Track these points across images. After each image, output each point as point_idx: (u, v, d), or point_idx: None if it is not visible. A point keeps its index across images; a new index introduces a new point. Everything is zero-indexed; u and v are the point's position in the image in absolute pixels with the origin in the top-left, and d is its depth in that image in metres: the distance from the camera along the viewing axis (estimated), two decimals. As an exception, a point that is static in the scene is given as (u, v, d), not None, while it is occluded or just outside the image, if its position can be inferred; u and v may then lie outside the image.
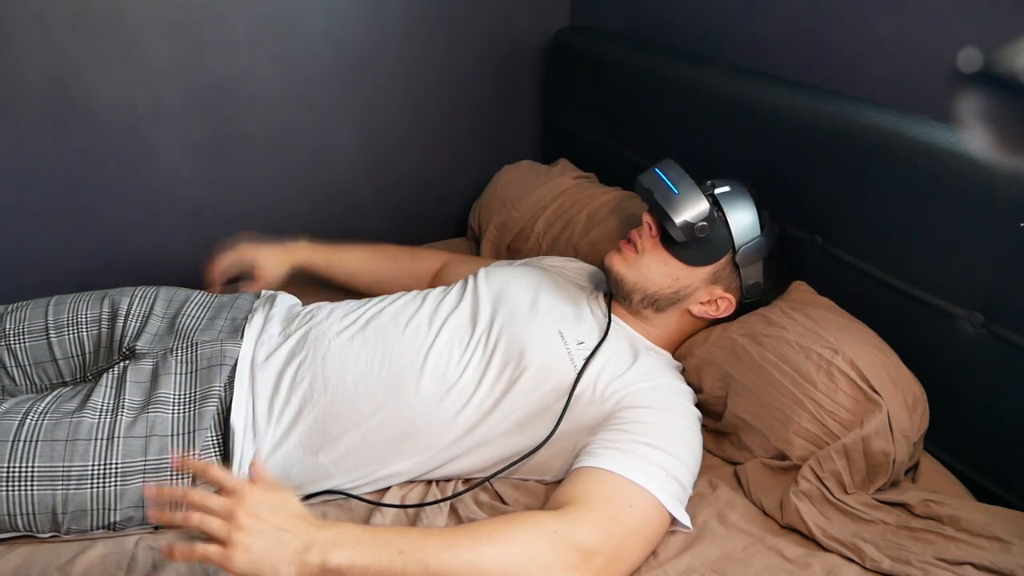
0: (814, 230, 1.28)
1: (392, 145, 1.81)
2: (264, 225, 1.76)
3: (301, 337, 1.18)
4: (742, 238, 1.21)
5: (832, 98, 1.26)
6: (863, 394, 1.06)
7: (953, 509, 1.00)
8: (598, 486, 0.97)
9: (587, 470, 0.99)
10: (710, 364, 1.19)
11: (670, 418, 1.07)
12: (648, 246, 1.23)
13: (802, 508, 1.01)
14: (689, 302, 1.23)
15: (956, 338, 1.10)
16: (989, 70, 0.44)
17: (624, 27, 1.80)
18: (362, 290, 1.54)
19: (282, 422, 1.10)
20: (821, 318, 1.15)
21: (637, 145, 1.65)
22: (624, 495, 0.95)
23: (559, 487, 1.01)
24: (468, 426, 1.10)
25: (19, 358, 1.21)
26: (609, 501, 0.94)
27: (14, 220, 1.55)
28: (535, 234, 1.60)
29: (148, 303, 1.25)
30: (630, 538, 0.94)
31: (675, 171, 1.22)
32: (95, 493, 1.01)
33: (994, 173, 1.01)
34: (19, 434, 1.01)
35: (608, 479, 0.97)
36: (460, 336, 1.17)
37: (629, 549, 0.94)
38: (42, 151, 1.52)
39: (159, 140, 1.60)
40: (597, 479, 0.98)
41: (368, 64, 1.73)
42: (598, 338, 1.16)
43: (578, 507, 0.93)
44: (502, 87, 1.88)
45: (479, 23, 1.79)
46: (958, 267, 1.09)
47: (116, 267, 1.65)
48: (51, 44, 1.46)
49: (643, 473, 0.98)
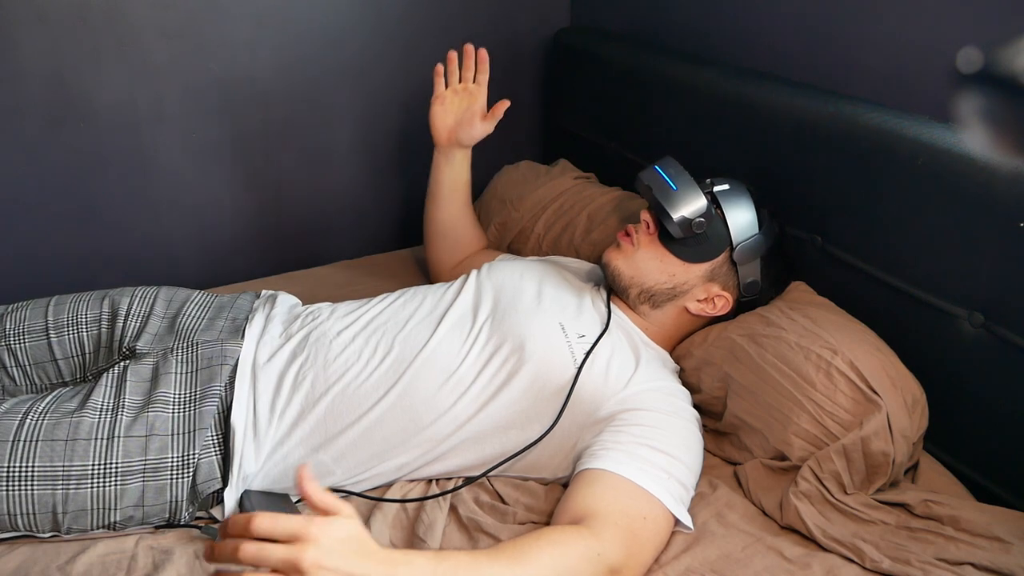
0: (814, 230, 1.28)
1: (392, 145, 1.82)
2: (264, 224, 1.77)
3: (303, 338, 1.19)
4: (740, 236, 1.21)
5: (832, 98, 1.26)
6: (862, 394, 1.06)
7: (953, 509, 1.00)
8: (613, 494, 0.96)
9: (598, 473, 0.99)
10: (709, 364, 1.19)
11: (673, 421, 1.07)
12: (645, 241, 1.24)
13: (802, 508, 1.01)
14: (686, 299, 1.23)
15: (956, 338, 1.10)
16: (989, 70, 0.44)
17: (624, 27, 1.80)
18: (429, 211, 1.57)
19: (284, 422, 1.10)
20: (820, 318, 1.15)
21: (637, 145, 1.65)
22: (638, 506, 0.96)
23: (572, 491, 1.00)
24: (466, 416, 1.10)
25: (19, 358, 1.21)
26: (627, 514, 0.94)
27: (14, 220, 1.55)
28: (535, 235, 1.60)
29: (148, 303, 1.25)
30: (645, 549, 0.96)
31: (674, 168, 1.23)
32: (95, 493, 1.01)
33: (994, 173, 1.02)
34: (19, 434, 1.01)
35: (621, 486, 0.97)
36: (461, 326, 1.17)
37: (644, 559, 0.95)
38: (42, 151, 1.52)
39: (159, 140, 1.60)
40: (610, 485, 0.97)
41: (368, 64, 1.73)
42: (599, 330, 1.16)
43: (605, 524, 0.92)
44: (502, 87, 1.87)
45: (479, 23, 1.79)
46: (958, 267, 1.09)
47: (116, 267, 1.65)
48: (51, 44, 1.46)
49: (651, 479, 0.98)
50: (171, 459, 1.04)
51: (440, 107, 1.46)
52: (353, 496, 1.10)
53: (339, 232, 1.85)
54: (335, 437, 1.09)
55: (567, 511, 0.97)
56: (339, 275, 1.72)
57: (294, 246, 1.81)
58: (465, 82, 1.46)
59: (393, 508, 1.07)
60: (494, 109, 1.44)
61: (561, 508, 0.99)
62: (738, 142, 1.39)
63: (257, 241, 1.77)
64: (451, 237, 1.57)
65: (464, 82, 1.46)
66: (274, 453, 1.09)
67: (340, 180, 1.81)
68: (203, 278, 1.68)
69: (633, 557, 0.93)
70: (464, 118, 1.46)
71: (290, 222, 1.79)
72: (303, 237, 1.82)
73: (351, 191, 1.83)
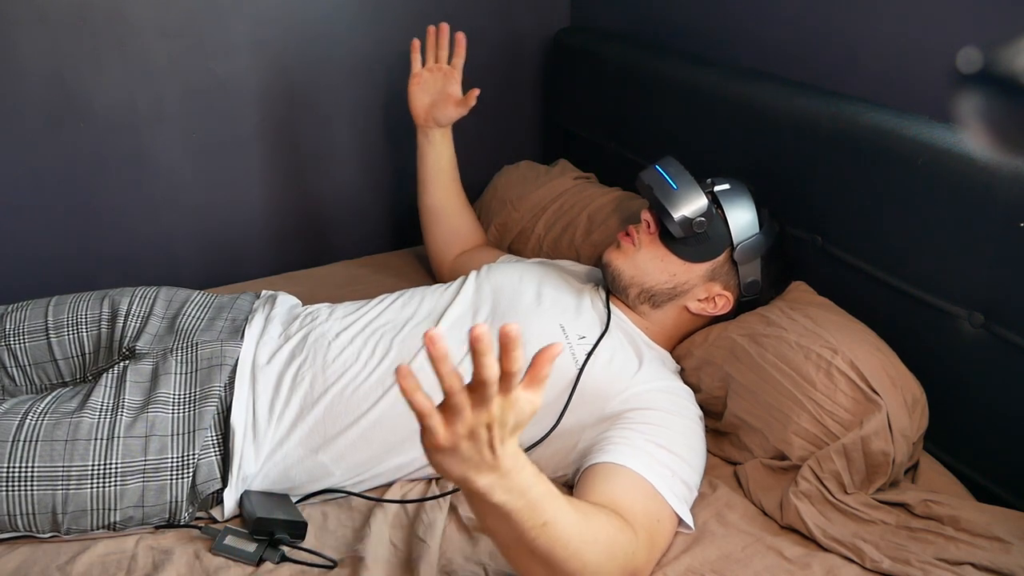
0: (814, 230, 1.28)
1: (392, 145, 1.81)
2: (264, 224, 1.77)
3: (301, 339, 1.18)
4: (740, 235, 1.21)
5: (832, 98, 1.26)
6: (862, 394, 1.06)
7: (953, 509, 1.00)
8: (636, 494, 0.96)
9: (616, 468, 0.98)
10: (709, 364, 1.19)
11: (678, 420, 1.07)
12: (646, 241, 1.24)
13: (802, 508, 1.01)
14: (687, 299, 1.23)
15: (956, 338, 1.10)
16: (989, 70, 0.44)
17: (624, 27, 1.80)
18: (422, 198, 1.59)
19: (283, 423, 1.10)
20: (820, 318, 1.15)
21: (637, 145, 1.65)
22: (655, 508, 0.96)
23: (592, 483, 0.98)
24: None
25: (19, 358, 1.21)
26: (649, 515, 0.95)
27: (14, 220, 1.55)
28: (535, 235, 1.60)
29: (148, 303, 1.25)
30: (658, 552, 0.96)
31: (675, 168, 1.23)
32: (95, 493, 1.01)
33: (994, 173, 1.01)
34: (19, 434, 1.01)
35: (640, 486, 0.97)
36: (460, 327, 1.18)
37: (655, 561, 0.96)
38: (42, 151, 1.52)
39: (159, 140, 1.60)
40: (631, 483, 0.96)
41: (368, 64, 1.73)
42: (600, 331, 1.16)
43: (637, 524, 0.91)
44: (502, 87, 1.88)
45: (479, 23, 1.79)
46: (958, 267, 1.09)
47: (116, 267, 1.65)
48: (51, 44, 1.46)
49: (659, 478, 0.98)
50: (171, 459, 1.04)
51: (417, 86, 1.50)
52: (353, 496, 1.10)
53: (339, 232, 1.85)
54: (334, 438, 1.09)
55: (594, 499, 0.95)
56: (339, 275, 1.72)
57: (294, 246, 1.81)
58: (441, 62, 1.50)
59: (393, 508, 1.07)
60: (467, 96, 1.47)
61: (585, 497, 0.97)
62: (738, 142, 1.39)
63: (257, 241, 1.77)
64: (445, 224, 1.59)
65: (440, 62, 1.50)
66: (274, 454, 1.09)
67: (340, 180, 1.81)
68: (203, 278, 1.68)
69: (651, 560, 0.94)
70: (439, 99, 1.49)
71: (290, 222, 1.79)
72: (303, 237, 1.82)
73: (351, 191, 1.83)
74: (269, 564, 0.98)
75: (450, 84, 1.49)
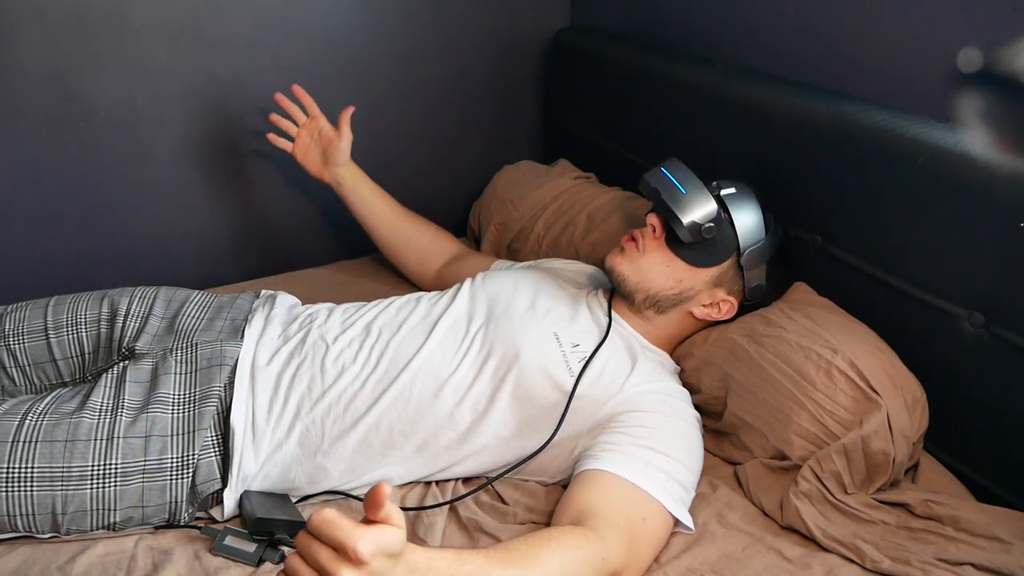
0: (814, 230, 1.28)
1: (391, 145, 1.81)
2: (264, 224, 1.77)
3: (300, 340, 1.18)
4: (748, 241, 1.21)
5: (832, 98, 1.26)
6: (863, 394, 1.06)
7: (953, 509, 1.00)
8: (613, 496, 0.96)
9: (597, 474, 0.99)
10: (709, 364, 1.19)
11: (672, 422, 1.07)
12: (652, 246, 1.22)
13: (802, 508, 1.01)
14: (691, 304, 1.23)
15: (956, 338, 1.10)
16: (989, 70, 0.44)
17: (624, 27, 1.80)
18: (373, 236, 1.61)
19: (281, 423, 1.10)
20: (821, 318, 1.15)
21: (637, 145, 1.65)
22: (638, 507, 0.96)
23: (572, 491, 1.00)
24: (465, 427, 1.10)
25: (18, 359, 1.21)
26: (628, 516, 0.95)
27: (14, 220, 1.55)
28: (535, 235, 1.60)
29: (147, 303, 1.25)
30: (644, 551, 0.96)
31: (682, 171, 1.22)
32: (95, 493, 1.01)
33: (994, 173, 1.01)
34: (19, 435, 1.01)
35: (621, 487, 0.97)
36: (454, 334, 1.17)
37: (643, 560, 0.96)
38: (42, 151, 1.52)
39: (159, 140, 1.60)
40: (610, 486, 0.97)
41: (368, 64, 1.73)
42: (595, 338, 1.16)
43: (607, 526, 0.92)
44: (502, 87, 1.88)
45: (479, 23, 1.79)
46: (958, 267, 1.09)
47: (115, 267, 1.65)
48: (51, 44, 1.46)
49: (650, 480, 0.98)
50: (170, 459, 1.04)
51: (303, 156, 1.54)
52: (351, 499, 1.10)
53: (339, 232, 1.85)
54: (333, 441, 1.09)
55: (567, 511, 0.97)
56: (339, 275, 1.72)
57: (294, 246, 1.81)
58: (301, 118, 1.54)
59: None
60: (340, 118, 1.50)
61: (561, 508, 0.99)
62: (738, 142, 1.39)
63: (257, 241, 1.77)
64: (407, 248, 1.60)
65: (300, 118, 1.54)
66: (273, 454, 1.09)
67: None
68: (203, 278, 1.68)
69: (633, 559, 0.93)
70: (323, 146, 1.53)
71: (290, 222, 1.79)
72: (303, 237, 1.82)
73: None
74: (269, 564, 0.98)
75: (323, 128, 1.52)
